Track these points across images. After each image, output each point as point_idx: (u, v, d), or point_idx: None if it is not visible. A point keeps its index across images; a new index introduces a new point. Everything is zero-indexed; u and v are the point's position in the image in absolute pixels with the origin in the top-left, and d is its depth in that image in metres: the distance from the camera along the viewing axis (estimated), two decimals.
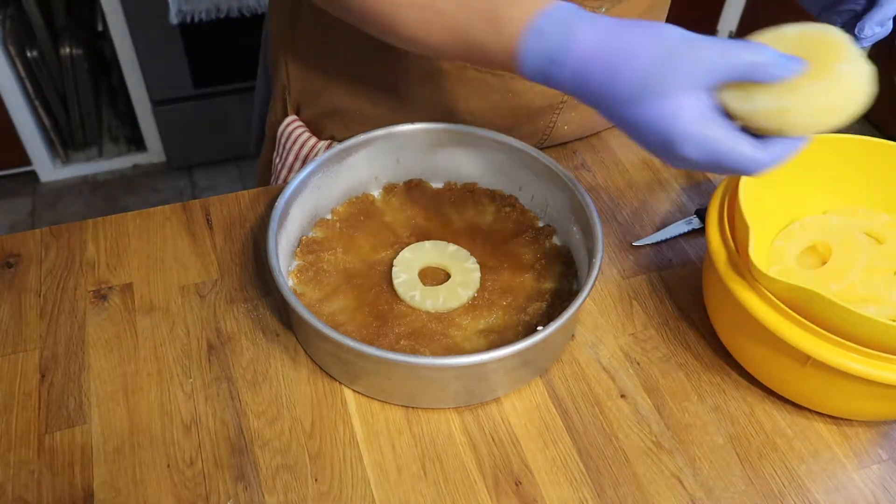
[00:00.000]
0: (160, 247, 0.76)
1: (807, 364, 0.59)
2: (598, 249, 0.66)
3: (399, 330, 0.67)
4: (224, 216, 0.79)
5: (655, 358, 0.69)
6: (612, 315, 0.73)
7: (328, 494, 0.59)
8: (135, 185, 2.14)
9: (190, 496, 0.59)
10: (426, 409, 0.64)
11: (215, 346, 0.68)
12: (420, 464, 0.61)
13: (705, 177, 0.87)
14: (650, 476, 0.61)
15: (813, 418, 0.66)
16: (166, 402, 0.64)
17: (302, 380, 0.66)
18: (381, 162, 0.77)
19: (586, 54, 0.49)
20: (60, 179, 2.14)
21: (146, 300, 0.71)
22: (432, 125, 0.76)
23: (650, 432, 0.64)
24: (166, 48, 1.86)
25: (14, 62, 1.86)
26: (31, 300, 0.71)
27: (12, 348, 0.67)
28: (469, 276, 0.71)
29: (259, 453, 0.61)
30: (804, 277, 0.66)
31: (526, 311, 0.69)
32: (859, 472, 0.63)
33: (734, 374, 0.68)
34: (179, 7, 1.75)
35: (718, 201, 0.67)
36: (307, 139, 0.86)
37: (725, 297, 0.62)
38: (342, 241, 0.74)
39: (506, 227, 0.76)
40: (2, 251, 0.75)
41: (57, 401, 0.64)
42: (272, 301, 0.72)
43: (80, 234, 0.77)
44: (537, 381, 0.67)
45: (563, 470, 0.61)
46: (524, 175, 0.77)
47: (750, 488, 0.61)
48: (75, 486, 0.59)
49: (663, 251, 0.79)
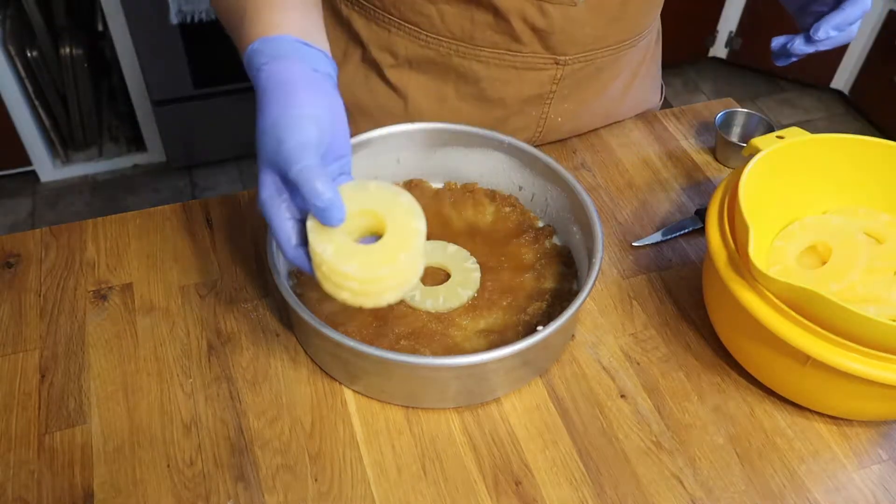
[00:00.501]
0: (160, 247, 0.76)
1: (807, 364, 0.59)
2: (598, 249, 0.66)
3: (399, 330, 0.67)
4: (224, 216, 0.79)
5: (655, 358, 0.69)
6: (612, 315, 0.73)
7: (328, 494, 0.59)
8: (135, 185, 2.14)
9: (190, 496, 0.59)
10: (426, 409, 0.64)
11: (215, 346, 0.68)
12: (420, 464, 0.61)
13: (705, 177, 0.87)
14: (650, 476, 0.61)
15: (813, 418, 0.66)
16: (166, 402, 0.64)
17: (302, 380, 0.66)
18: (381, 162, 0.77)
19: (261, 86, 0.55)
20: (60, 179, 2.14)
21: (146, 300, 0.71)
22: (432, 125, 0.76)
23: (650, 432, 0.64)
24: (166, 48, 1.86)
25: (14, 62, 1.86)
26: (31, 300, 0.71)
27: (12, 348, 0.67)
28: (469, 276, 0.71)
29: (259, 453, 0.61)
30: (804, 277, 0.66)
31: (526, 311, 0.69)
32: (859, 472, 0.63)
33: (734, 374, 0.68)
34: (179, 7, 1.75)
35: (718, 201, 0.67)
36: None
37: (725, 297, 0.62)
38: None
39: (506, 227, 0.76)
40: (2, 251, 0.75)
41: (57, 401, 0.64)
42: (272, 301, 0.72)
43: (80, 234, 0.77)
44: (537, 381, 0.67)
45: (563, 470, 0.61)
46: (524, 175, 0.77)
47: (750, 488, 0.61)
48: (75, 486, 0.59)
49: (663, 251, 0.79)
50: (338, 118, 0.56)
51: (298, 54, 0.56)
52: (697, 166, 0.89)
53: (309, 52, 0.56)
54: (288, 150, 0.51)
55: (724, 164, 0.89)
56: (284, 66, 0.55)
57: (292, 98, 0.53)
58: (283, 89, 0.54)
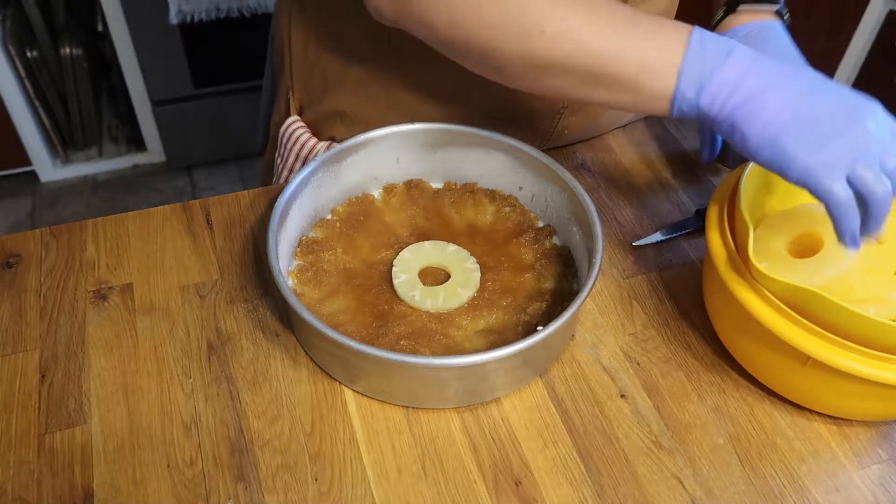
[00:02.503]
0: (160, 247, 0.76)
1: (807, 364, 0.59)
2: (598, 249, 0.66)
3: (399, 330, 0.67)
4: (224, 216, 0.79)
5: (655, 358, 0.69)
6: (612, 315, 0.73)
7: (328, 494, 0.59)
8: (135, 185, 2.14)
9: (190, 496, 0.59)
10: (426, 409, 0.64)
11: (215, 346, 0.68)
12: (420, 464, 0.61)
13: (705, 176, 0.87)
14: (650, 476, 0.61)
15: (813, 418, 0.66)
16: (166, 402, 0.64)
17: (302, 380, 0.66)
18: (381, 162, 0.77)
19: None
20: (60, 179, 2.14)
21: (146, 300, 0.71)
22: (432, 125, 0.76)
23: (650, 432, 0.64)
24: (166, 48, 1.86)
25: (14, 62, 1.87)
26: (31, 300, 0.71)
27: (12, 348, 0.67)
28: (469, 276, 0.71)
29: (259, 453, 0.61)
30: (797, 266, 0.65)
31: (526, 311, 0.69)
32: (859, 472, 0.63)
33: (734, 374, 0.68)
34: (179, 7, 1.75)
35: (718, 201, 0.67)
36: (307, 139, 0.86)
37: (725, 297, 0.62)
38: (342, 241, 0.74)
39: (506, 227, 0.76)
40: (2, 251, 0.75)
41: (57, 401, 0.64)
42: (272, 301, 0.72)
43: (80, 234, 0.77)
44: (537, 381, 0.67)
45: (563, 470, 0.61)
46: (524, 175, 0.77)
47: (750, 488, 0.61)
48: (75, 486, 0.59)
49: (663, 251, 0.79)
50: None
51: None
52: (697, 166, 0.89)
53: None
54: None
55: (724, 165, 0.89)
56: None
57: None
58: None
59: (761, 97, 0.54)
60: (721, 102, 0.55)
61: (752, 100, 0.54)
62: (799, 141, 0.53)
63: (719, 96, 0.55)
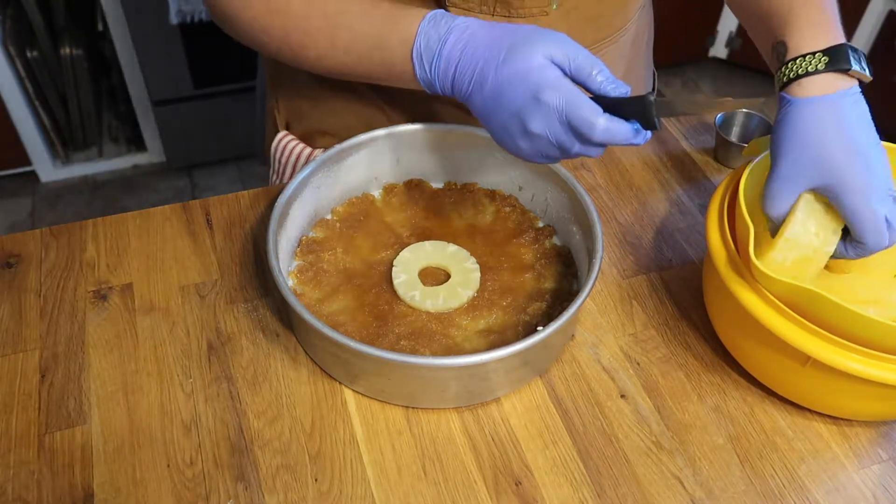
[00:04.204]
0: (160, 247, 0.76)
1: (807, 364, 0.59)
2: (598, 249, 0.66)
3: (399, 330, 0.67)
4: (224, 216, 0.79)
5: (655, 358, 0.69)
6: (612, 315, 0.73)
7: (328, 494, 0.59)
8: (135, 186, 2.14)
9: (190, 496, 0.59)
10: (426, 409, 0.64)
11: (215, 346, 0.68)
12: (420, 464, 0.61)
13: (705, 177, 0.87)
14: (650, 476, 0.61)
15: (813, 418, 0.66)
16: (166, 402, 0.64)
17: (302, 380, 0.66)
18: (381, 162, 0.77)
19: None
20: (60, 179, 2.14)
21: (146, 300, 0.71)
22: (432, 125, 0.76)
23: (650, 432, 0.64)
24: (166, 48, 1.86)
25: (14, 62, 1.86)
26: (31, 300, 0.71)
27: (12, 348, 0.67)
28: (469, 276, 0.71)
29: (259, 453, 0.61)
30: (806, 245, 0.63)
31: (526, 311, 0.69)
32: (859, 472, 0.63)
33: (734, 374, 0.68)
34: (179, 7, 1.75)
35: (718, 201, 0.67)
36: (301, 150, 0.86)
37: (725, 297, 0.62)
38: (342, 241, 0.74)
39: (506, 227, 0.76)
40: (2, 251, 0.75)
41: (57, 401, 0.64)
42: (272, 301, 0.72)
43: (80, 234, 0.77)
44: (537, 381, 0.67)
45: (563, 470, 0.61)
46: (524, 175, 0.77)
47: (750, 488, 0.61)
48: (75, 486, 0.59)
49: (663, 251, 0.79)
50: None
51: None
52: (697, 166, 0.89)
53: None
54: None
55: (724, 164, 0.89)
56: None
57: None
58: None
59: (479, 73, 0.60)
60: (450, 79, 0.61)
61: (474, 73, 0.60)
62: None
63: (447, 73, 0.61)
